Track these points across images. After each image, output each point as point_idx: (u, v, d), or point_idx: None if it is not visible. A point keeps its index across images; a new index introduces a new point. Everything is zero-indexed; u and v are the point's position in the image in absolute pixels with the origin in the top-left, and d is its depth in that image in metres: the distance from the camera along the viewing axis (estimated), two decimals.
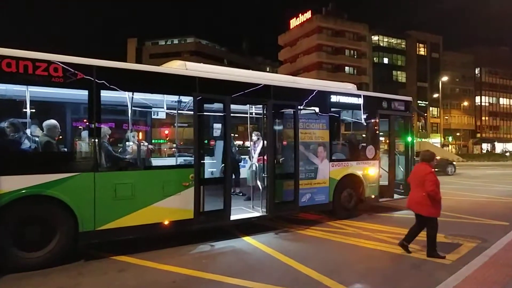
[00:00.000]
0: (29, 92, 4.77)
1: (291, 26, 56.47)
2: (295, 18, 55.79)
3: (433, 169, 5.09)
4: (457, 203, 10.03)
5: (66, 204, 4.57)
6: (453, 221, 7.53)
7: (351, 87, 8.40)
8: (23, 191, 4.32)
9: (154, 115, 7.20)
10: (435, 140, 56.34)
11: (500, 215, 8.07)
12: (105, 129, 5.39)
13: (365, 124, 8.12)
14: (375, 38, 56.46)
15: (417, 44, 59.09)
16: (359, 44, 54.32)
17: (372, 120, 8.20)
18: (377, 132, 8.30)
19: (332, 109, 7.49)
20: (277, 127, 6.74)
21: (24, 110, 4.98)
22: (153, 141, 8.26)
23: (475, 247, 5.47)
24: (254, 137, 7.83)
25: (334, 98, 7.53)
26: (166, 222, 5.35)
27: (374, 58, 56.04)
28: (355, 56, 54.73)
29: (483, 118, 66.98)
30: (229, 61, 59.20)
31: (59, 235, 4.59)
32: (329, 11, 54.67)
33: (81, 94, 4.96)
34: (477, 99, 66.62)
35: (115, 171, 5.18)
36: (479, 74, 66.53)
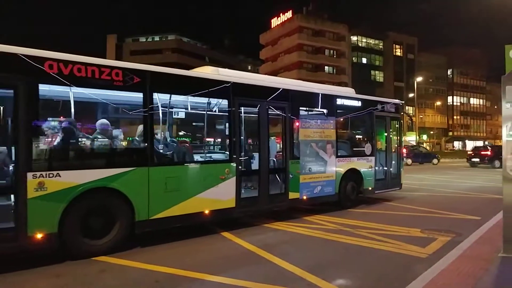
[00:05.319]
0: (90, 94, 5.06)
1: (273, 25, 56.63)
2: (276, 18, 55.96)
3: None
4: (431, 198, 10.42)
5: (125, 196, 5.07)
6: (428, 216, 7.82)
7: (351, 91, 9.35)
8: (90, 184, 4.79)
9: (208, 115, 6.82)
10: (411, 138, 58.07)
11: (472, 209, 8.43)
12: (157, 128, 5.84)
13: (364, 124, 9.33)
14: (354, 38, 57.48)
15: (394, 45, 60.69)
16: (338, 44, 55.17)
17: (370, 121, 9.27)
18: (374, 131, 9.35)
19: (338, 111, 8.43)
20: (293, 126, 7.41)
21: (93, 112, 5.63)
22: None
23: (449, 241, 5.69)
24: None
25: (340, 101, 8.52)
26: (208, 211, 6.00)
27: (353, 58, 57.09)
28: (335, 56, 55.59)
29: (455, 117, 69.72)
30: (211, 58, 58.64)
31: (119, 224, 5.07)
32: (310, 11, 55.21)
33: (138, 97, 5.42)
34: (449, 99, 69.19)
35: (165, 166, 5.75)
36: (451, 75, 69.10)
